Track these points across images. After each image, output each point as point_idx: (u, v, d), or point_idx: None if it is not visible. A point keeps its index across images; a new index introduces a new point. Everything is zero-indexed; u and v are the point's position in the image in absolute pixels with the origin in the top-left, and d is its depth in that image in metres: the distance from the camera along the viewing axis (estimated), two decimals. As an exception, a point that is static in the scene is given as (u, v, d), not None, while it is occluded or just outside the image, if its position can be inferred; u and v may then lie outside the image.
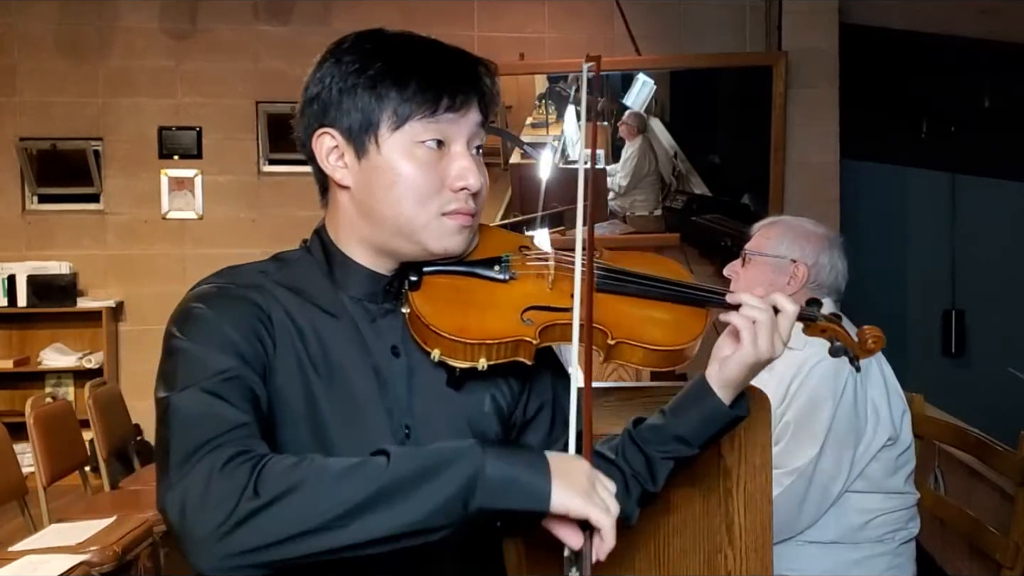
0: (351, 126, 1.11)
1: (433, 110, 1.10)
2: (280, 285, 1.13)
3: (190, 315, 1.08)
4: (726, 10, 5.45)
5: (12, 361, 5.27)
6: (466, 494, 0.94)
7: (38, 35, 5.39)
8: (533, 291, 1.17)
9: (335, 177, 1.14)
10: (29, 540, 2.83)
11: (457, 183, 1.12)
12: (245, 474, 0.92)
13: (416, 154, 1.11)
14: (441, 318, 1.11)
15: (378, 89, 1.10)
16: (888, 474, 1.97)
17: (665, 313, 1.20)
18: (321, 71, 1.14)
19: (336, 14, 5.31)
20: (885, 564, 1.98)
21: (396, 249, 1.15)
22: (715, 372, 1.18)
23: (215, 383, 1.01)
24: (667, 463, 1.19)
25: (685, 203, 5.34)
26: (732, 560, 1.46)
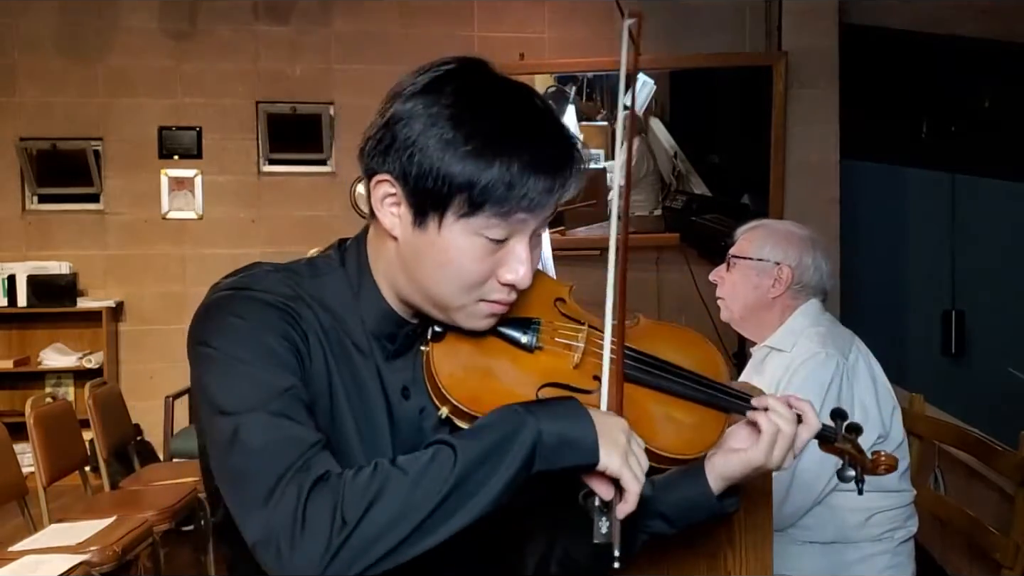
0: (419, 193, 1.02)
1: (508, 209, 1.01)
2: (314, 299, 1.08)
3: (226, 325, 1.03)
4: (726, 10, 5.45)
5: (12, 361, 5.27)
6: (529, 462, 0.97)
7: (38, 35, 5.39)
8: (556, 367, 1.12)
9: (384, 223, 1.06)
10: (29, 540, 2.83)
11: (507, 276, 1.05)
12: (329, 504, 0.92)
13: (475, 243, 1.03)
14: (456, 382, 1.07)
15: (463, 166, 1.00)
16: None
17: (685, 414, 1.14)
18: (412, 111, 1.03)
19: (336, 14, 5.31)
20: (885, 563, 1.99)
21: (424, 310, 1.10)
22: (717, 461, 1.15)
23: (278, 403, 0.98)
24: (642, 536, 1.18)
25: (685, 203, 5.34)
26: (732, 560, 1.46)
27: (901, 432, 2.03)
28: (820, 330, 2.03)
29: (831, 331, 2.04)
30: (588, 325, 1.15)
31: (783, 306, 2.09)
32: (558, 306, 1.18)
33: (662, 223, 5.35)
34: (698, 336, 1.25)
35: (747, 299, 2.10)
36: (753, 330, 2.14)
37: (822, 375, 1.93)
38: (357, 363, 1.09)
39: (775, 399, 1.16)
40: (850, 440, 1.21)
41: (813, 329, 2.03)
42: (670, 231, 5.32)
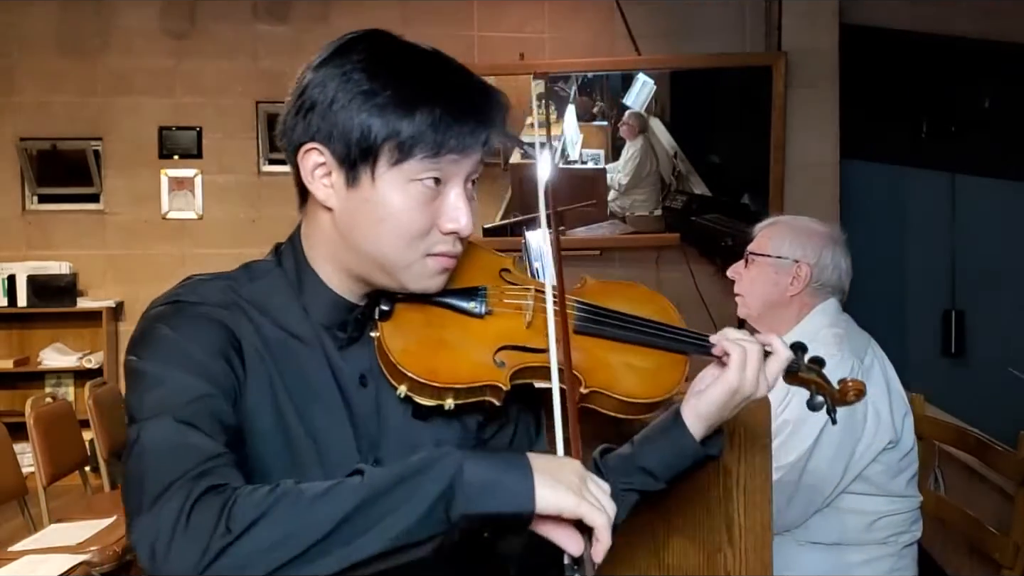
0: (346, 152, 1.03)
1: (437, 151, 1.02)
2: (250, 303, 1.06)
3: (153, 337, 1.01)
4: (726, 10, 5.45)
5: (12, 361, 5.27)
6: (447, 499, 0.88)
7: (38, 35, 5.39)
8: (509, 329, 1.11)
9: (318, 196, 1.06)
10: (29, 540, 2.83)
11: (448, 225, 1.05)
12: (216, 510, 0.87)
13: (410, 191, 1.03)
14: (410, 357, 1.06)
15: (384, 119, 1.01)
16: (890, 477, 1.97)
17: (644, 360, 1.14)
18: (323, 77, 1.04)
19: (336, 13, 5.32)
20: (888, 566, 1.98)
21: (373, 279, 1.09)
22: (691, 405, 1.14)
23: (186, 410, 0.95)
24: (630, 495, 1.14)
25: (685, 203, 5.34)
26: (732, 560, 1.46)
27: (912, 438, 2.01)
28: (837, 331, 2.01)
29: (848, 333, 2.03)
30: (535, 288, 1.15)
31: (801, 304, 2.07)
32: (503, 275, 1.17)
33: (662, 223, 5.35)
34: (648, 290, 1.25)
35: (765, 296, 2.08)
36: (769, 327, 2.12)
37: (836, 377, 1.92)
38: (303, 361, 1.07)
39: (733, 330, 1.15)
40: (814, 370, 1.21)
41: (830, 330, 2.01)
42: (670, 231, 5.31)
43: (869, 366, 1.97)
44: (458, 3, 5.45)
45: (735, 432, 1.47)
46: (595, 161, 5.36)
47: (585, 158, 5.37)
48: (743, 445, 1.47)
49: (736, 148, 5.39)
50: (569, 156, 5.35)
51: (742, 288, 2.11)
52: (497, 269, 1.18)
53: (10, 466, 3.19)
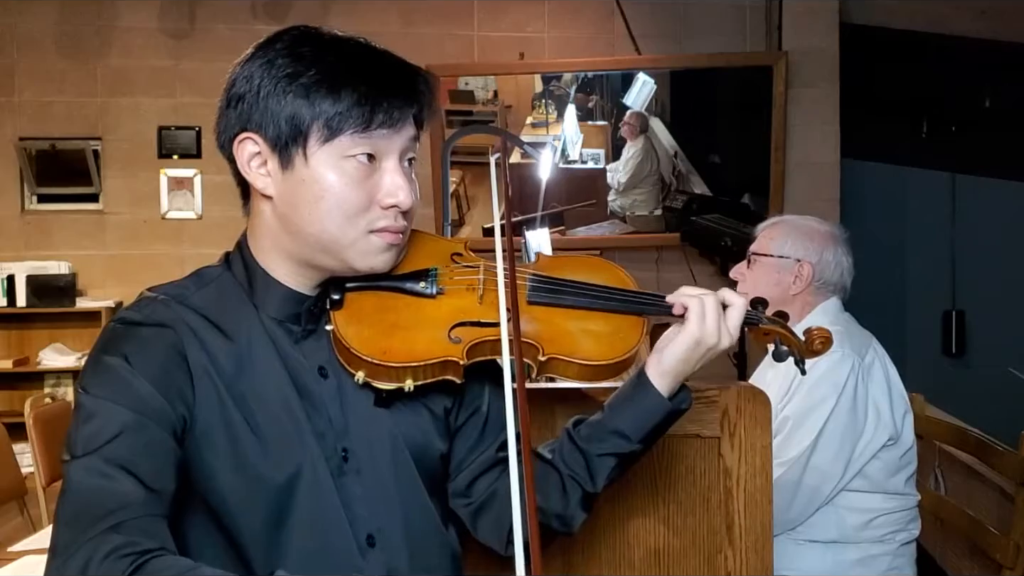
0: (278, 135, 1.05)
1: (367, 125, 1.04)
2: (197, 312, 1.07)
3: (97, 366, 1.02)
4: (726, 10, 5.45)
5: (11, 361, 5.26)
6: None
7: (38, 35, 5.39)
8: (462, 306, 1.12)
9: (256, 186, 1.08)
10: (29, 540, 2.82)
11: (387, 200, 1.06)
12: (121, 568, 0.88)
13: (345, 168, 1.04)
14: (363, 341, 1.06)
15: (310, 98, 1.03)
16: (889, 475, 1.97)
17: (601, 324, 1.15)
18: (249, 69, 1.07)
19: (334, 14, 5.31)
20: (885, 564, 1.98)
21: (320, 264, 1.09)
22: (655, 362, 1.14)
23: (112, 450, 0.95)
24: (606, 460, 1.14)
25: (685, 203, 5.33)
26: (732, 560, 1.46)
27: (911, 437, 2.02)
28: (838, 329, 2.01)
29: (849, 331, 2.03)
30: (484, 265, 1.16)
31: (804, 303, 2.08)
32: (455, 259, 1.18)
33: (662, 223, 5.34)
34: (600, 259, 1.26)
35: (768, 295, 2.08)
36: None
37: (837, 374, 1.92)
38: (256, 362, 1.07)
39: (689, 287, 1.16)
40: (777, 322, 1.22)
41: (831, 328, 2.01)
42: (670, 231, 5.31)
43: (870, 364, 1.97)
44: (458, 3, 5.44)
45: (735, 432, 1.47)
46: (595, 161, 5.36)
47: (585, 158, 5.37)
48: (743, 445, 1.47)
49: (736, 148, 5.39)
50: (569, 156, 5.35)
51: (746, 288, 2.12)
52: (448, 253, 1.19)
53: (10, 466, 3.19)
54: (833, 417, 1.90)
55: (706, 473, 1.46)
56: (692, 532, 1.47)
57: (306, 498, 1.05)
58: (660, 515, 1.46)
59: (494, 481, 1.19)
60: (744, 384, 1.50)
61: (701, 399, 1.47)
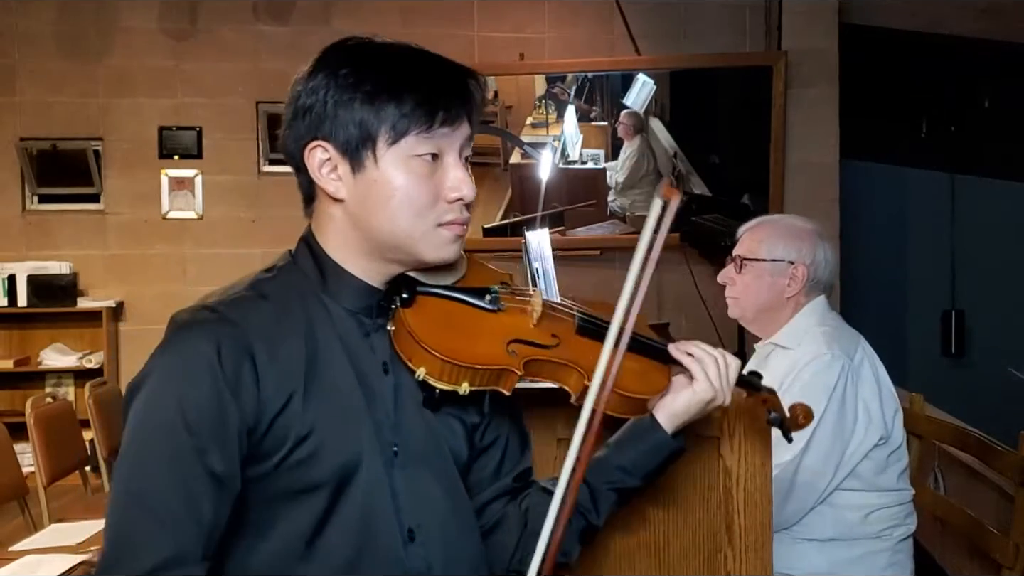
0: (347, 140, 1.11)
1: (429, 125, 1.10)
2: (269, 310, 1.10)
3: (151, 381, 1.07)
4: (726, 10, 5.45)
5: (12, 361, 5.27)
6: None
7: (38, 35, 5.39)
8: (519, 325, 1.19)
9: (329, 190, 1.13)
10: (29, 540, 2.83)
11: (452, 194, 1.13)
12: None
13: (412, 167, 1.11)
14: (432, 335, 1.11)
15: (376, 104, 1.10)
16: (879, 472, 1.98)
17: (636, 364, 1.23)
18: (314, 82, 1.12)
19: (336, 14, 5.31)
20: (884, 561, 1.99)
21: (392, 258, 1.15)
22: (663, 406, 1.23)
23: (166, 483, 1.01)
24: (610, 494, 1.23)
25: (685, 203, 5.34)
26: (732, 560, 1.46)
27: (902, 434, 2.03)
28: (826, 329, 2.01)
29: (837, 330, 2.03)
30: (537, 291, 1.25)
31: (795, 304, 2.07)
32: (505, 285, 1.25)
33: (662, 223, 5.34)
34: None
35: (761, 299, 2.08)
36: (762, 328, 2.13)
37: (828, 377, 1.92)
38: (324, 353, 1.11)
39: (692, 344, 1.25)
40: (773, 393, 1.33)
41: (819, 328, 2.02)
42: (670, 231, 5.30)
43: (859, 364, 1.97)
44: (458, 3, 5.44)
45: (735, 432, 1.47)
46: (595, 161, 5.36)
47: (585, 158, 5.37)
48: (743, 445, 1.47)
49: (736, 148, 5.39)
50: (569, 156, 5.35)
51: (736, 293, 2.10)
52: (499, 280, 1.25)
53: (10, 466, 3.19)
54: (824, 420, 1.91)
55: (706, 473, 1.47)
56: (692, 532, 1.47)
57: (362, 486, 1.10)
58: (660, 515, 1.47)
59: (504, 507, 1.26)
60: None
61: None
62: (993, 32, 5.14)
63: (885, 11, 5.33)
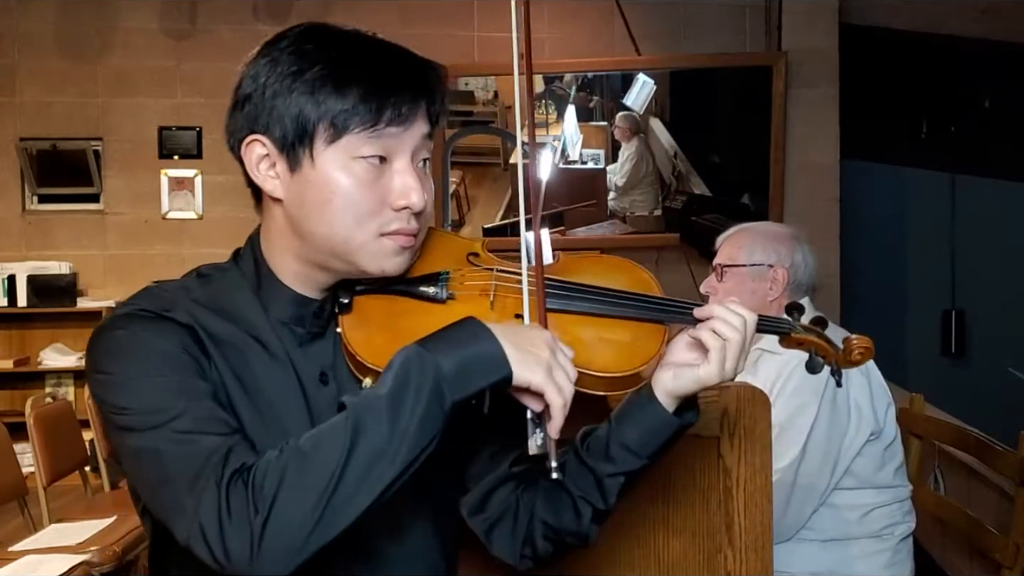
0: (284, 135, 1.02)
1: (375, 123, 1.00)
2: (202, 306, 1.04)
3: (111, 343, 0.99)
4: (726, 10, 5.45)
5: (12, 361, 5.27)
6: (439, 399, 0.93)
7: (38, 35, 5.39)
8: (472, 312, 1.03)
9: (265, 188, 1.05)
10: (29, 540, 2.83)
11: (399, 202, 1.02)
12: (242, 495, 0.90)
13: (354, 169, 1.01)
14: (371, 348, 1.03)
15: (316, 96, 1.00)
16: (875, 469, 1.98)
17: (619, 332, 1.09)
18: (255, 68, 1.05)
19: (335, 14, 5.31)
20: (885, 560, 1.99)
21: (329, 266, 1.06)
22: (666, 380, 1.08)
23: (184, 417, 0.95)
24: (617, 479, 1.10)
25: (685, 203, 5.34)
26: (732, 560, 1.46)
27: (894, 429, 2.02)
28: None
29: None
30: (497, 269, 1.12)
31: (779, 307, 2.08)
32: (470, 259, 1.14)
33: (662, 223, 5.35)
34: (622, 259, 1.19)
35: (746, 305, 2.08)
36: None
37: (816, 379, 1.92)
38: (257, 360, 1.05)
39: (719, 307, 1.08)
40: (813, 331, 1.14)
41: None
42: (670, 231, 5.31)
43: None
44: (458, 3, 5.44)
45: (735, 432, 1.47)
46: (595, 161, 5.36)
47: (585, 158, 5.37)
48: (743, 445, 1.47)
49: (736, 148, 5.39)
50: (569, 156, 5.35)
51: (719, 300, 2.10)
52: (465, 253, 1.15)
53: (10, 466, 3.19)
54: (817, 422, 1.91)
55: (706, 473, 1.47)
56: (692, 532, 1.47)
57: None
58: (660, 515, 1.46)
59: (508, 495, 1.18)
60: (744, 384, 1.50)
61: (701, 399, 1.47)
62: (993, 32, 5.14)
63: (885, 11, 5.34)
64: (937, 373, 5.87)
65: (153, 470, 0.95)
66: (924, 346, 6.01)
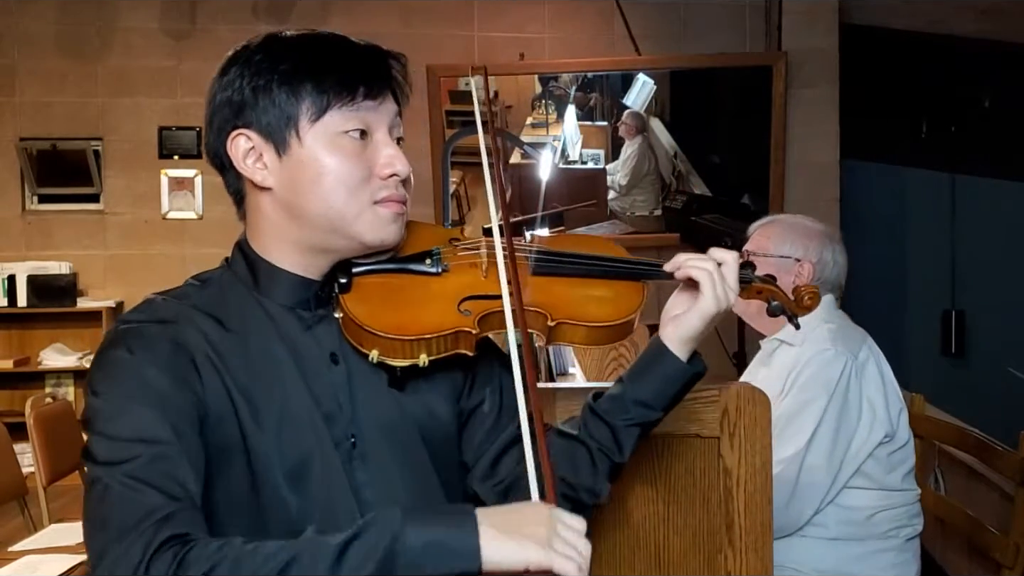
0: (269, 123, 1.08)
1: (352, 97, 1.08)
2: (200, 311, 1.08)
3: (104, 364, 1.03)
4: (726, 10, 5.45)
5: (12, 361, 5.27)
6: (387, 564, 0.90)
7: (38, 35, 5.39)
8: (467, 281, 1.16)
9: (255, 179, 1.10)
10: (29, 540, 2.83)
11: (385, 170, 1.10)
12: (165, 566, 0.90)
13: (340, 144, 1.08)
14: (375, 317, 1.08)
15: (294, 84, 1.07)
16: (885, 472, 1.97)
17: (603, 290, 1.20)
18: (228, 76, 1.11)
19: (335, 14, 5.31)
20: (890, 560, 1.98)
21: (329, 246, 1.11)
22: (671, 331, 1.17)
23: (141, 462, 0.96)
24: (632, 430, 1.17)
25: (685, 203, 5.34)
26: (732, 560, 1.46)
27: (907, 432, 2.02)
28: (831, 327, 2.02)
29: (842, 328, 2.03)
30: (485, 242, 1.20)
31: None
32: (453, 243, 1.22)
33: (662, 223, 5.35)
34: (596, 236, 1.33)
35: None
36: (768, 325, 2.12)
37: (830, 372, 1.92)
38: (262, 352, 1.08)
39: (682, 254, 1.19)
40: (768, 281, 1.27)
41: (824, 325, 2.02)
42: (670, 231, 5.31)
43: (864, 361, 1.97)
44: (458, 3, 5.44)
45: (735, 432, 1.47)
46: (595, 161, 5.36)
47: (585, 158, 5.38)
48: (743, 445, 1.47)
49: (736, 148, 5.39)
50: (569, 156, 5.35)
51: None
52: (446, 238, 1.22)
53: (10, 466, 3.19)
54: (826, 417, 1.90)
55: (706, 473, 1.47)
56: (692, 532, 1.47)
57: (318, 484, 1.07)
58: (660, 515, 1.47)
59: (519, 459, 1.19)
60: (744, 384, 1.50)
61: (701, 399, 1.47)
62: (993, 32, 5.14)
63: (885, 11, 5.33)
64: (937, 373, 5.87)
65: (97, 504, 0.97)
66: (924, 346, 6.01)
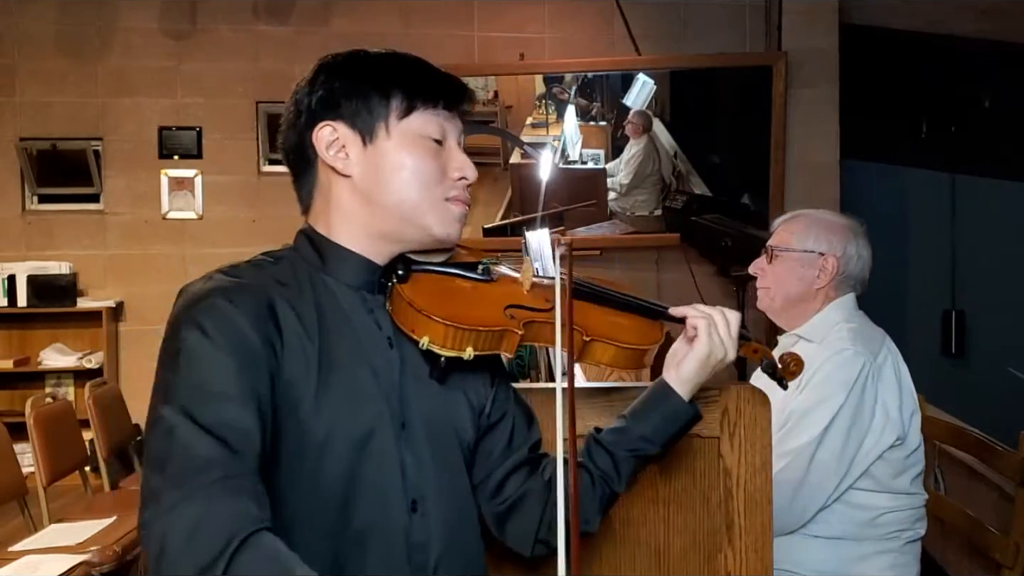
0: (359, 116, 1.17)
1: (434, 104, 1.18)
2: (276, 281, 1.14)
3: (211, 308, 1.06)
4: (726, 10, 5.45)
5: (12, 361, 5.27)
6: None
7: (38, 35, 5.40)
8: (512, 292, 1.26)
9: (337, 166, 1.17)
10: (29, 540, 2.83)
11: (456, 173, 1.20)
12: (224, 534, 0.93)
13: (420, 144, 1.18)
14: (432, 304, 1.15)
15: (386, 86, 1.17)
16: (894, 475, 1.97)
17: (629, 321, 1.31)
18: (315, 83, 1.19)
19: (336, 14, 5.31)
20: (889, 562, 1.98)
21: (398, 235, 1.19)
22: (673, 373, 1.27)
23: (211, 411, 1.00)
24: (631, 461, 1.26)
25: (685, 203, 5.34)
26: (732, 560, 1.46)
27: (918, 437, 2.01)
28: (852, 326, 2.01)
29: (862, 328, 2.02)
30: (527, 263, 1.31)
31: (825, 297, 2.07)
32: (495, 260, 1.32)
33: (662, 223, 5.35)
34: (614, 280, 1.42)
35: (791, 290, 2.07)
36: (789, 319, 2.12)
37: (847, 372, 1.91)
38: (334, 326, 1.14)
39: (685, 307, 1.29)
40: (764, 345, 1.37)
41: (845, 325, 2.01)
42: (670, 231, 5.32)
43: (882, 363, 1.96)
44: (458, 3, 5.45)
45: (735, 432, 1.47)
46: (595, 161, 5.37)
47: (585, 158, 5.38)
48: (743, 445, 1.47)
49: (736, 148, 5.40)
50: (569, 156, 5.35)
51: (767, 283, 2.10)
52: (482, 257, 1.31)
53: (10, 466, 3.19)
54: (840, 415, 1.90)
55: (706, 473, 1.47)
56: (692, 532, 1.47)
57: (375, 456, 1.12)
58: (660, 515, 1.47)
59: (524, 480, 1.28)
60: (744, 384, 1.50)
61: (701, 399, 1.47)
62: (993, 32, 5.14)
63: (885, 11, 5.33)
64: (937, 373, 5.87)
65: (159, 443, 0.99)
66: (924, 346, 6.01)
